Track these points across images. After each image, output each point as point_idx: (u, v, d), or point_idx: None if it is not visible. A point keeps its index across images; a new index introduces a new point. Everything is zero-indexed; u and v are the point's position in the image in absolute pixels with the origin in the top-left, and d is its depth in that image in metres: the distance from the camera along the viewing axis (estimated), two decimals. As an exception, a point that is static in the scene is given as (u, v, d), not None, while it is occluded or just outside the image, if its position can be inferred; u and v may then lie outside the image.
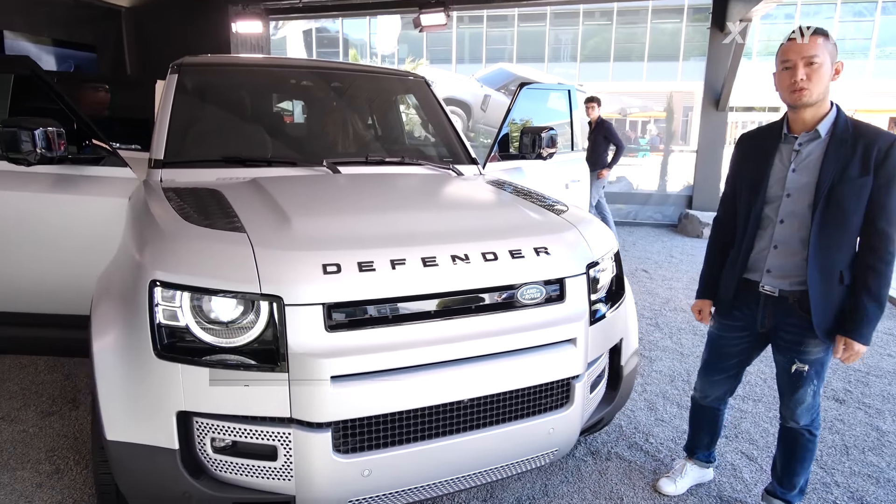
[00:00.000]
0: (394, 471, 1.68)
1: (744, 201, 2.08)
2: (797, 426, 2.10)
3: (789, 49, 1.88)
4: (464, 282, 1.77)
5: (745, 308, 2.12)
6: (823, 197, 1.87)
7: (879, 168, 1.82)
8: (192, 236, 1.76)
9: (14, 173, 2.56)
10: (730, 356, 2.22)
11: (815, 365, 2.01)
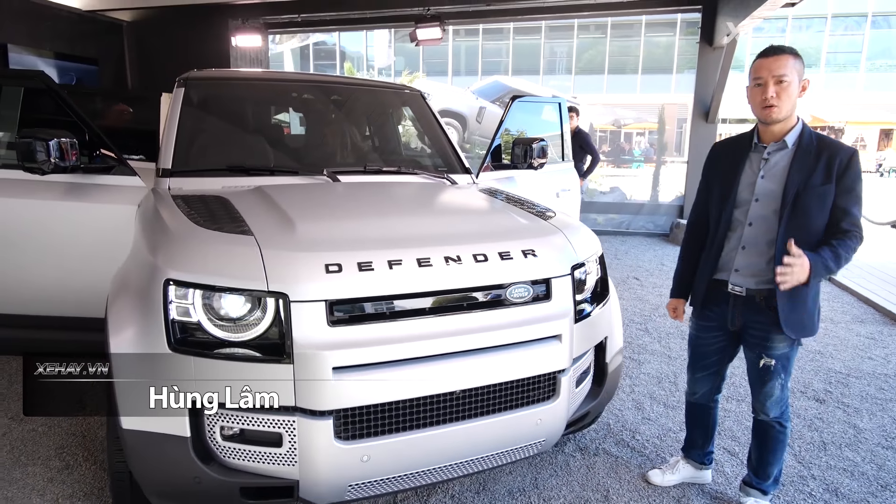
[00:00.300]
0: (391, 457, 1.80)
1: (715, 205, 2.22)
2: (768, 418, 2.23)
3: (761, 67, 2.03)
4: (456, 281, 1.90)
5: (717, 308, 2.26)
6: (790, 202, 2.02)
7: (841, 177, 1.98)
8: (203, 239, 1.89)
9: (29, 182, 2.69)
10: (709, 354, 2.36)
11: (782, 359, 2.15)
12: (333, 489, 1.79)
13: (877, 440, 2.99)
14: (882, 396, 3.50)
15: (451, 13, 9.02)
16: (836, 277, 6.25)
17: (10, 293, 2.81)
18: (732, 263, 2.17)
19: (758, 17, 6.53)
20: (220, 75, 3.39)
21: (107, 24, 9.36)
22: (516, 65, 32.73)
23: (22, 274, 2.79)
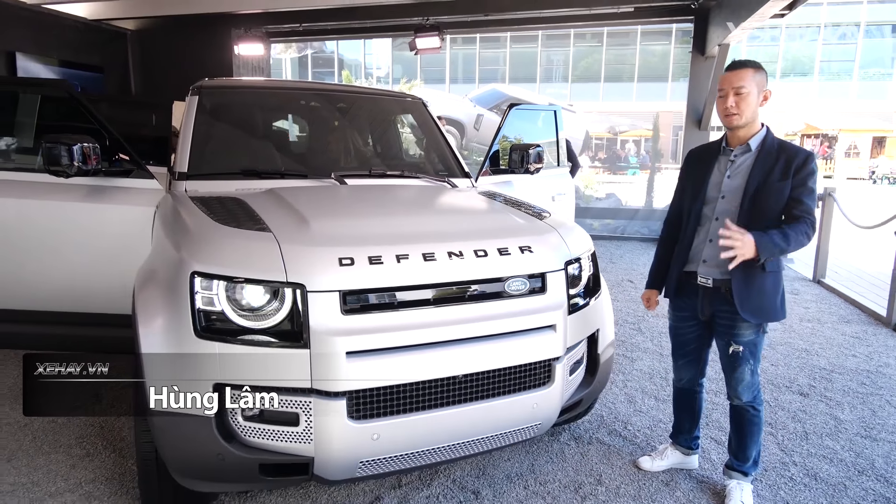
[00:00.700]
0: (398, 436, 1.95)
1: (687, 204, 2.43)
2: (741, 403, 2.40)
3: (723, 79, 2.25)
4: (458, 274, 2.06)
5: (689, 299, 2.45)
6: (749, 197, 2.22)
7: (797, 174, 2.18)
8: (225, 235, 2.05)
9: (54, 185, 2.85)
10: (687, 342, 2.53)
11: (749, 346, 2.32)
12: (345, 466, 1.94)
13: (856, 430, 3.15)
14: (863, 391, 3.66)
15: (450, 23, 9.22)
16: (824, 280, 6.44)
17: (37, 291, 2.95)
18: (701, 255, 2.37)
19: (747, 28, 6.73)
20: (232, 83, 3.55)
21: (112, 32, 9.54)
22: (513, 73, 33.04)
23: (47, 272, 2.94)
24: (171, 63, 9.69)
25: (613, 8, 8.28)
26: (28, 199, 2.89)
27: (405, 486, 2.54)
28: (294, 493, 2.46)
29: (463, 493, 2.50)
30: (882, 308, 5.15)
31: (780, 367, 4.02)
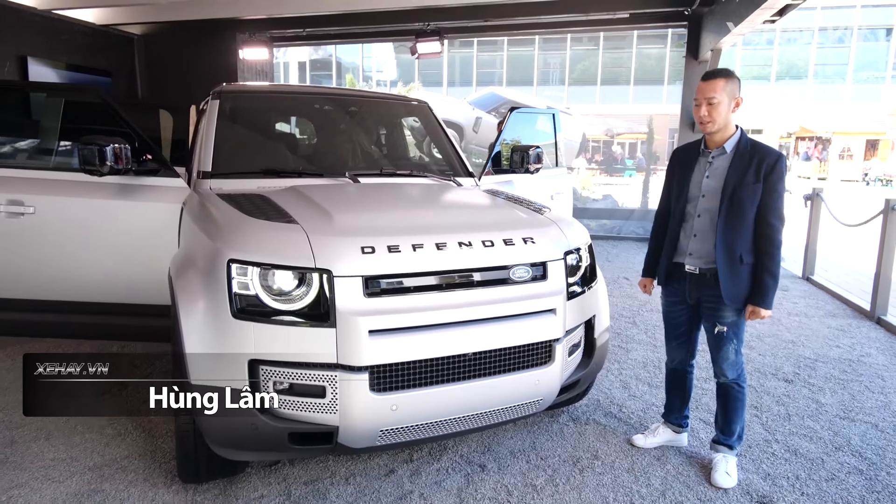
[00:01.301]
0: (415, 406, 2.16)
1: (673, 201, 2.66)
2: (727, 380, 2.62)
3: (698, 90, 2.49)
4: (468, 262, 2.28)
5: (678, 285, 2.68)
6: (727, 198, 2.45)
7: (768, 176, 2.41)
8: (257, 227, 2.26)
9: (88, 183, 3.06)
10: (678, 325, 2.76)
11: (732, 327, 2.55)
12: (367, 434, 2.15)
13: (836, 412, 3.37)
14: (844, 378, 3.88)
15: (451, 28, 9.46)
16: (813, 278, 6.67)
17: (71, 282, 3.16)
18: (687, 248, 2.60)
19: (738, 34, 6.97)
20: (250, 88, 3.77)
21: (119, 37, 9.75)
22: (510, 76, 33.31)
23: (81, 265, 3.14)
24: (177, 67, 9.90)
25: (609, 14, 8.52)
26: (66, 197, 3.09)
27: (417, 461, 2.75)
28: (314, 467, 2.67)
29: (470, 467, 2.71)
30: (866, 303, 5.38)
31: (767, 357, 4.25)
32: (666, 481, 2.64)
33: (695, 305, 2.67)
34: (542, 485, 2.59)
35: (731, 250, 2.47)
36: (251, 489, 2.51)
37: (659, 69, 31.53)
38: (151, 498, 2.44)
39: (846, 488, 2.61)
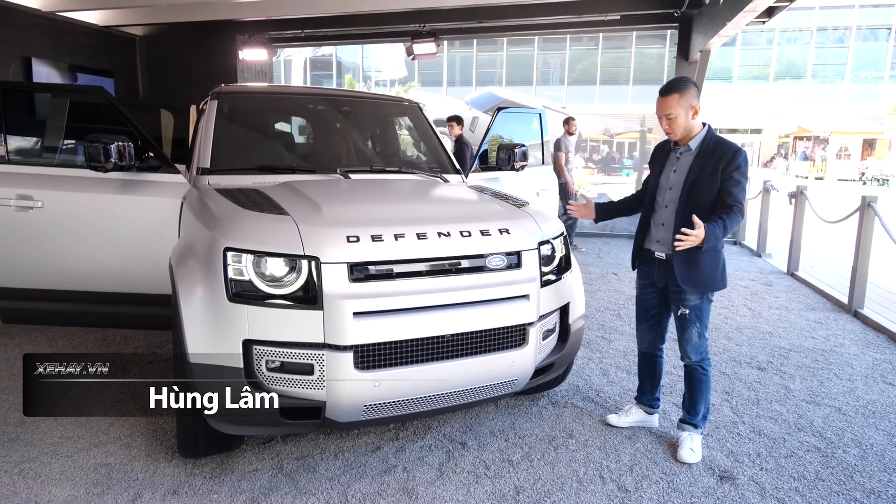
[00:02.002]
0: (397, 383, 2.34)
1: (649, 190, 2.86)
2: (691, 362, 2.80)
3: (656, 106, 2.70)
4: (446, 251, 2.45)
5: (648, 269, 2.88)
6: (686, 190, 2.65)
7: (726, 168, 2.59)
8: (251, 218, 2.44)
9: (93, 179, 3.24)
10: (648, 308, 2.94)
11: (695, 310, 2.73)
12: (352, 409, 2.33)
13: (802, 397, 3.55)
14: (815, 366, 4.06)
15: (446, 29, 9.65)
16: (797, 273, 6.84)
17: (77, 273, 3.34)
18: (655, 236, 2.81)
19: (724, 36, 7.15)
20: (247, 89, 3.95)
21: (121, 38, 9.94)
22: (510, 75, 33.49)
23: (86, 256, 3.33)
24: (177, 68, 10.11)
25: (601, 16, 8.70)
26: (72, 192, 3.28)
27: (402, 439, 2.93)
28: (306, 444, 2.85)
29: (451, 444, 2.90)
30: (845, 297, 5.55)
31: (743, 347, 4.43)
32: (634, 457, 2.82)
33: (664, 289, 2.85)
34: (518, 460, 2.77)
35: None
36: (246, 463, 2.69)
37: (658, 69, 31.69)
38: (153, 471, 2.63)
39: (803, 464, 2.79)
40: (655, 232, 2.82)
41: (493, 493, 2.51)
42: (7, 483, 2.52)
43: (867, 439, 3.04)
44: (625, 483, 2.61)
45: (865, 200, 5.21)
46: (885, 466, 2.79)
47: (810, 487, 2.61)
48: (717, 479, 2.65)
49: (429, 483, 2.57)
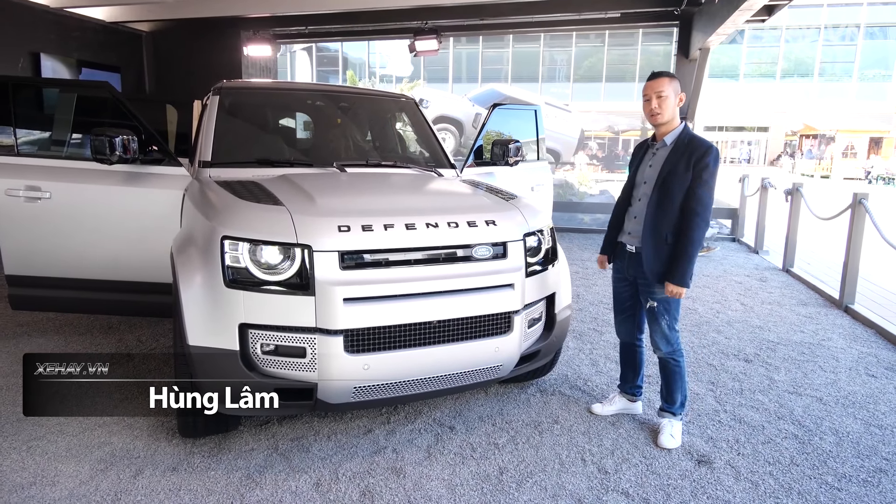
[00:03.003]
0: (385, 367, 2.45)
1: (625, 187, 2.96)
2: (663, 354, 2.90)
3: (647, 87, 2.77)
4: (434, 241, 2.56)
5: (620, 262, 2.99)
6: (658, 184, 2.74)
7: (696, 166, 2.67)
8: (248, 208, 2.56)
9: (99, 171, 3.36)
10: (623, 300, 3.05)
11: (663, 302, 2.82)
12: (342, 390, 2.44)
13: (785, 388, 3.64)
14: (801, 358, 4.15)
15: (448, 26, 9.74)
16: (792, 269, 6.91)
17: (83, 261, 3.47)
18: (627, 229, 2.92)
19: (723, 34, 7.21)
20: (247, 85, 4.07)
21: (128, 34, 10.08)
22: (516, 72, 33.45)
23: (92, 246, 3.46)
24: (183, 63, 10.24)
25: (601, 13, 8.76)
26: (79, 184, 3.41)
27: (393, 423, 3.05)
28: (300, 426, 2.97)
29: (441, 428, 3.01)
30: (837, 292, 5.62)
31: (732, 340, 4.52)
32: (616, 442, 2.93)
33: (633, 282, 2.95)
34: (503, 443, 2.88)
35: (656, 230, 2.75)
36: (243, 443, 2.81)
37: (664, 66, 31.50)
38: (154, 449, 2.75)
39: (779, 450, 2.89)
40: (627, 225, 2.93)
41: (477, 473, 2.62)
42: (16, 459, 2.65)
43: (844, 427, 3.14)
44: (605, 465, 2.71)
45: (857, 197, 5.28)
46: (859, 453, 2.88)
47: (784, 471, 2.71)
48: (694, 463, 2.75)
49: (416, 463, 2.68)
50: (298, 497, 2.42)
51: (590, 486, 2.56)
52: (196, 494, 2.42)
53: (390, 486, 2.50)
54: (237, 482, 2.51)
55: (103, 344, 4.11)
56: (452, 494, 2.46)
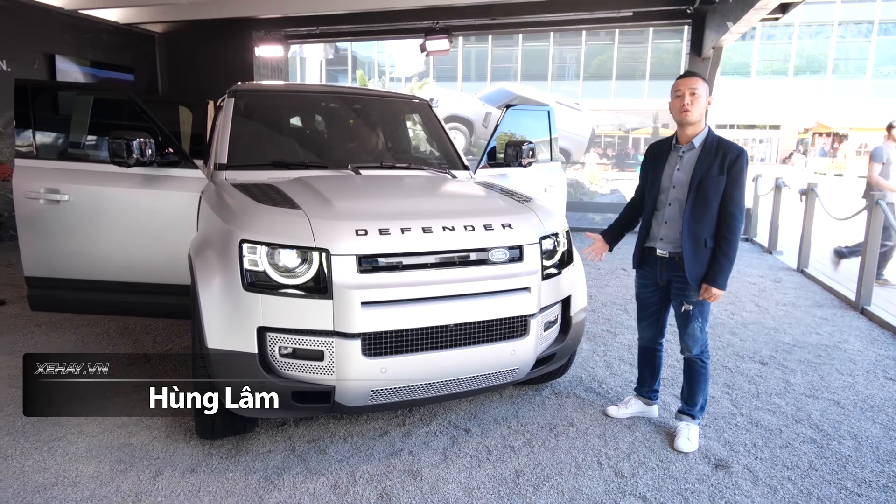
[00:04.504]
0: (402, 370, 2.46)
1: (648, 190, 2.91)
2: (691, 356, 2.88)
3: (680, 83, 2.73)
4: (450, 244, 2.57)
5: (650, 268, 2.94)
6: (694, 189, 2.70)
7: (730, 170, 2.65)
8: (266, 212, 2.57)
9: (117, 174, 3.39)
10: (649, 305, 3.02)
11: (697, 305, 2.80)
12: (360, 393, 2.45)
13: (802, 391, 3.61)
14: (817, 361, 4.12)
15: (459, 26, 9.73)
16: (807, 270, 6.86)
17: (101, 263, 3.51)
18: (658, 234, 2.86)
19: (736, 32, 7.15)
20: (262, 87, 4.08)
21: (141, 35, 10.16)
22: (525, 70, 33.36)
23: (111, 247, 3.49)
24: (195, 64, 10.31)
25: (614, 12, 8.72)
26: (97, 186, 3.44)
27: (409, 425, 3.05)
28: (317, 428, 2.99)
29: (456, 430, 3.01)
30: (853, 294, 5.57)
31: (747, 342, 4.49)
32: (633, 446, 2.92)
33: (665, 287, 2.92)
34: (519, 446, 2.88)
35: (696, 236, 2.72)
36: (260, 445, 2.83)
37: (674, 64, 31.33)
38: (173, 451, 2.78)
39: (798, 455, 2.87)
40: (658, 230, 2.87)
41: (494, 476, 2.62)
42: (38, 460, 2.69)
43: (863, 432, 3.11)
44: (622, 469, 2.71)
45: (874, 198, 5.22)
46: (879, 458, 2.86)
47: (803, 476, 2.69)
48: (712, 467, 2.74)
49: (433, 466, 2.69)
50: (317, 499, 2.43)
51: (607, 489, 2.55)
52: (215, 496, 2.44)
53: (407, 489, 2.51)
54: (255, 484, 2.53)
55: (119, 345, 4.15)
56: (470, 497, 2.47)
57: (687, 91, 2.70)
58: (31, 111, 3.56)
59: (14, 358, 3.74)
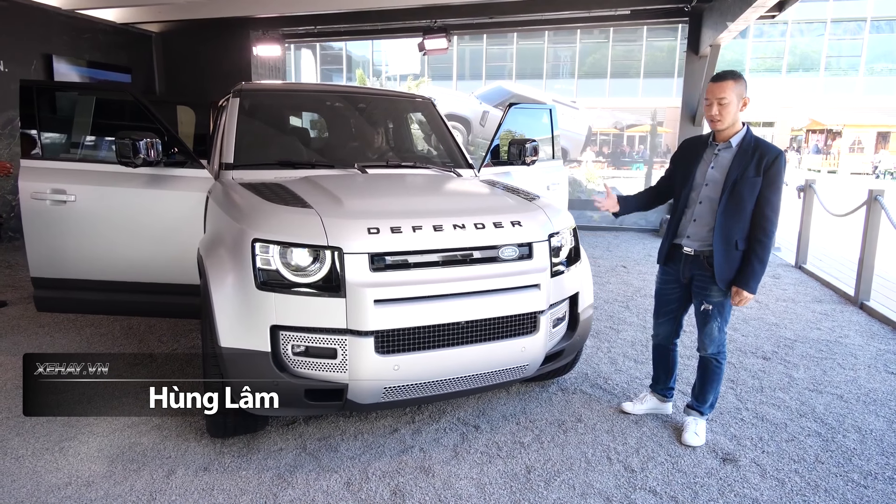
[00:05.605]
0: (415, 367, 2.47)
1: (678, 186, 2.90)
2: (707, 354, 2.90)
3: (709, 90, 2.71)
4: (461, 242, 2.58)
5: (674, 265, 2.94)
6: (728, 189, 2.68)
7: (767, 172, 2.63)
8: (277, 211, 2.58)
9: (122, 174, 3.40)
10: (669, 302, 3.03)
11: (718, 306, 2.81)
12: (372, 391, 2.47)
13: (805, 385, 3.65)
14: (819, 356, 4.16)
15: (457, 25, 9.74)
16: (805, 266, 6.91)
17: (107, 263, 3.51)
18: (686, 231, 2.85)
19: (734, 30, 7.19)
20: (267, 87, 4.09)
21: (138, 35, 10.13)
22: (520, 69, 33.39)
23: (117, 247, 3.49)
24: (193, 63, 10.29)
25: (611, 11, 8.75)
26: (104, 187, 3.44)
27: (418, 422, 3.07)
28: (327, 426, 3.00)
29: (465, 427, 3.03)
30: (852, 289, 5.62)
31: (749, 338, 4.53)
32: (641, 441, 2.95)
33: (687, 284, 2.92)
34: (528, 442, 2.91)
35: (727, 237, 2.70)
36: (271, 443, 2.84)
37: (669, 62, 31.47)
38: (184, 450, 2.78)
39: (804, 448, 2.90)
40: (686, 227, 2.85)
41: (505, 471, 2.65)
42: (50, 460, 2.69)
43: (867, 425, 3.15)
44: (631, 464, 2.73)
45: (872, 194, 5.27)
46: (884, 450, 2.89)
47: (809, 469, 2.72)
48: (719, 461, 2.77)
49: (444, 462, 2.71)
50: (330, 496, 2.45)
51: (617, 484, 2.57)
52: (229, 494, 2.45)
53: (420, 486, 2.53)
54: (269, 482, 2.54)
55: (125, 345, 4.15)
56: (482, 493, 2.49)
57: (715, 102, 2.66)
58: (36, 112, 3.56)
59: (19, 359, 3.73)
